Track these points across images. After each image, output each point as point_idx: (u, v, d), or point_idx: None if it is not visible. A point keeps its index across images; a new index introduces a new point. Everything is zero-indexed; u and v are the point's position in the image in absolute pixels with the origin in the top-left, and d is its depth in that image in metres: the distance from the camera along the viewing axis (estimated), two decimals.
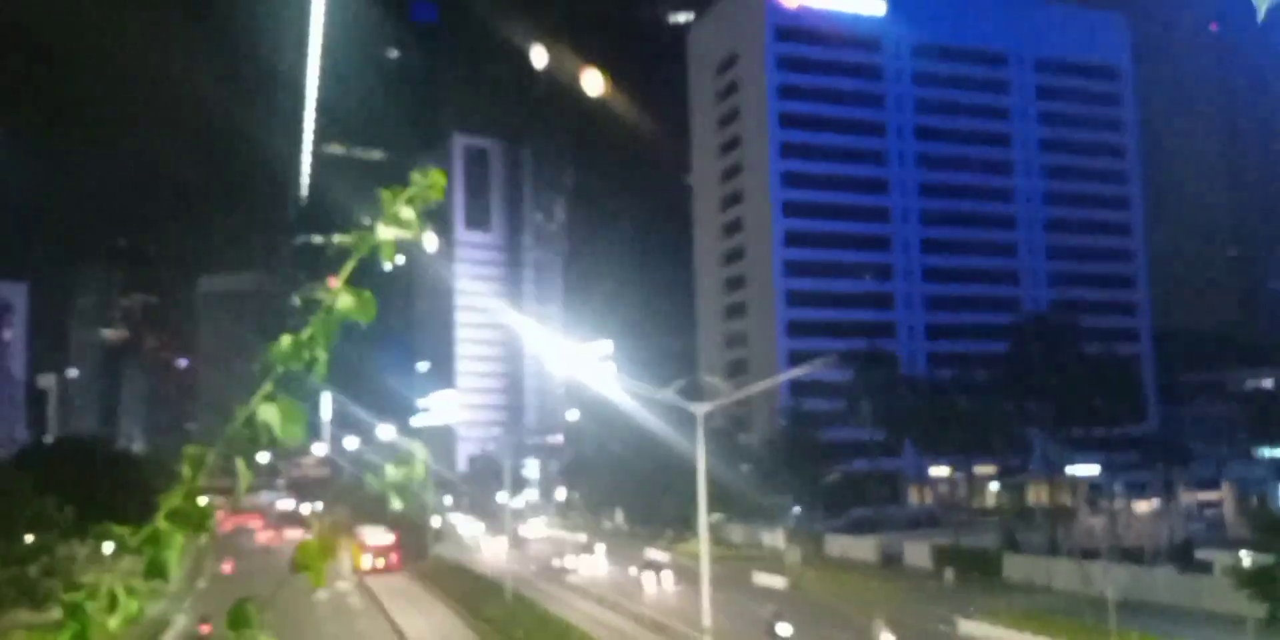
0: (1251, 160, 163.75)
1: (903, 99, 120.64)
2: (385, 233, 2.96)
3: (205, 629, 52.11)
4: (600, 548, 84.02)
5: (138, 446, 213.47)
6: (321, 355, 2.83)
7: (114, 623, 2.42)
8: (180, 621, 62.65)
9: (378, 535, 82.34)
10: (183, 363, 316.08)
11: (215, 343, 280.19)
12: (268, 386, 2.69)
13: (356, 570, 79.03)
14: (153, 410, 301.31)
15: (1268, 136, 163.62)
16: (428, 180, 3.10)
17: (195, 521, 2.58)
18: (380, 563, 79.70)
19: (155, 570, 2.52)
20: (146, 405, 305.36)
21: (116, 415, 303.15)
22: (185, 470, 2.62)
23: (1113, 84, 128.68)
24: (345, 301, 2.86)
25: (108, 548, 52.71)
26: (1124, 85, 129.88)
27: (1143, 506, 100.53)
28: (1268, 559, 36.65)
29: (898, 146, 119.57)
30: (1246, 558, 40.07)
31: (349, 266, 2.90)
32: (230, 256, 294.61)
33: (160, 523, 2.54)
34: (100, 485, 69.93)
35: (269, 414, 2.67)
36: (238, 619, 2.66)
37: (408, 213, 3.01)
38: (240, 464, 2.68)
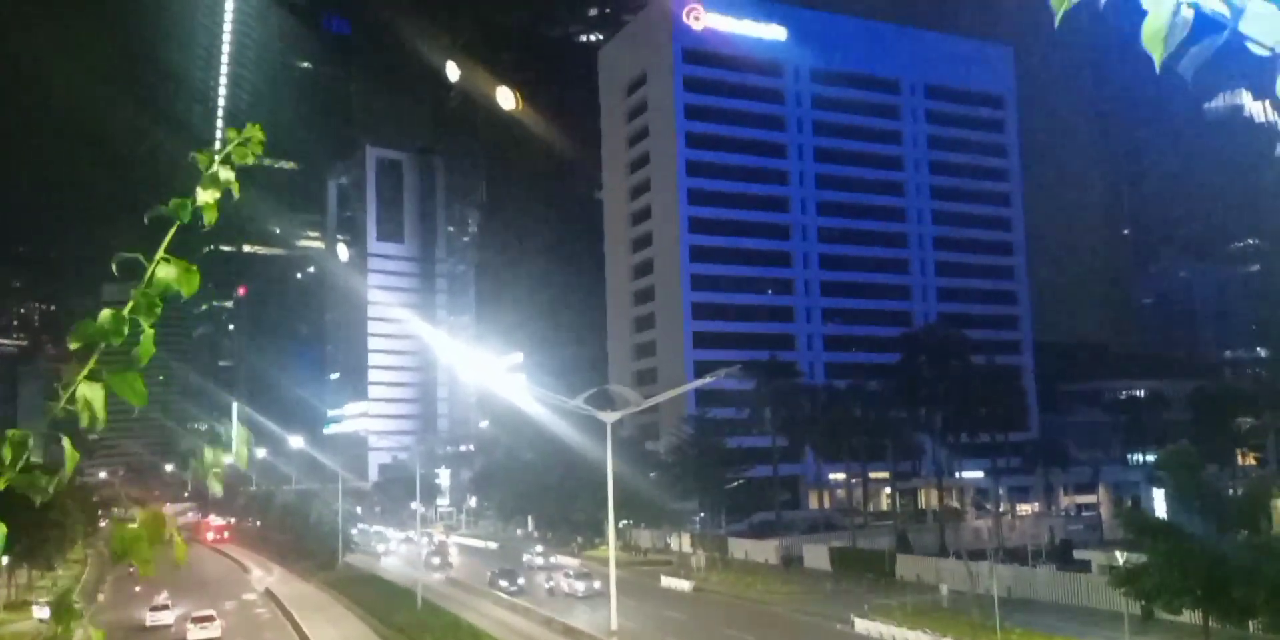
0: (1125, 184, 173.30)
1: (803, 121, 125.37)
2: (205, 195, 2.86)
3: None
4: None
5: (36, 456, 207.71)
6: (147, 330, 2.68)
7: None
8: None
9: (218, 521, 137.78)
10: None
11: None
12: (90, 364, 2.57)
13: (203, 541, 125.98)
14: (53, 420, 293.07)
15: (1140, 162, 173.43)
16: (244, 135, 3.00)
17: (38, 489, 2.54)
18: (220, 536, 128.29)
19: None
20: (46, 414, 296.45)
21: (15, 425, 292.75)
22: (5, 454, 2.55)
23: (998, 111, 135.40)
24: (165, 271, 2.70)
25: None
26: (1008, 112, 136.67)
27: (1025, 509, 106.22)
28: (1141, 558, 37.91)
29: (798, 167, 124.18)
30: (1121, 557, 41.27)
31: (170, 234, 2.77)
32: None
33: None
34: None
35: (90, 392, 2.55)
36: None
37: (226, 173, 2.92)
38: (66, 443, 2.63)
